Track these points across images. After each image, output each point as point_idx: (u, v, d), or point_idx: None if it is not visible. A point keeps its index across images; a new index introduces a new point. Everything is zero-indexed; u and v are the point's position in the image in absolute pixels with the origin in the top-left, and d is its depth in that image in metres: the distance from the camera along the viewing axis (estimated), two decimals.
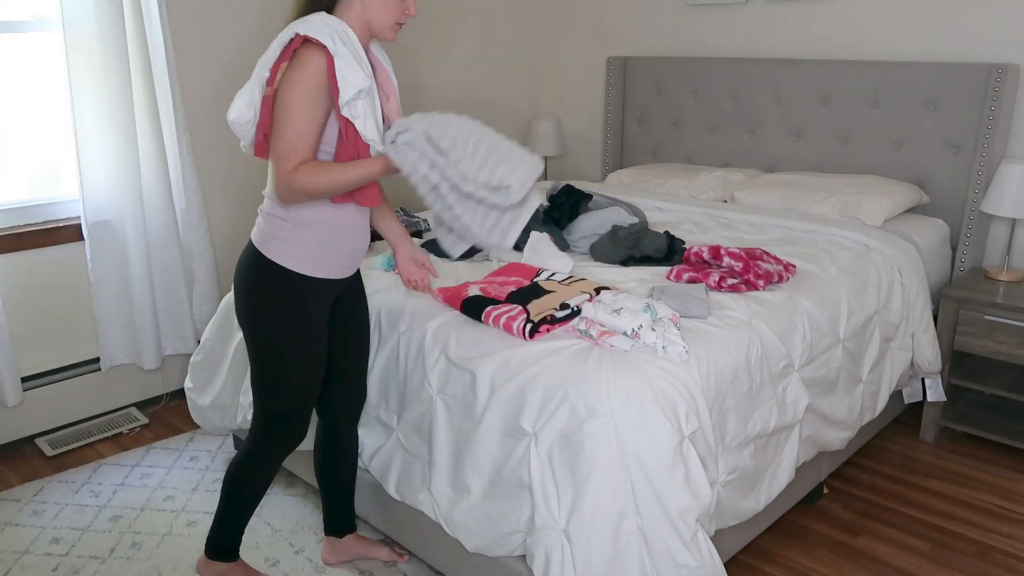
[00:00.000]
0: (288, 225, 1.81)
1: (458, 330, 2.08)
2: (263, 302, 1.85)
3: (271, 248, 1.82)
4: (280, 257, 1.81)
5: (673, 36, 3.97)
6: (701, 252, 2.40)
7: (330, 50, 1.67)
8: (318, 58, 1.67)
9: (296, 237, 1.81)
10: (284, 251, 1.81)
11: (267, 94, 1.73)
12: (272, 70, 1.72)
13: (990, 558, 2.35)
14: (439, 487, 2.04)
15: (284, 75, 1.69)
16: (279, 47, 1.72)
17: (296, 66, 1.67)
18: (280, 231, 1.81)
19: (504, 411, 1.90)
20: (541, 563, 1.79)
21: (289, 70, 1.68)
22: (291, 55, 1.69)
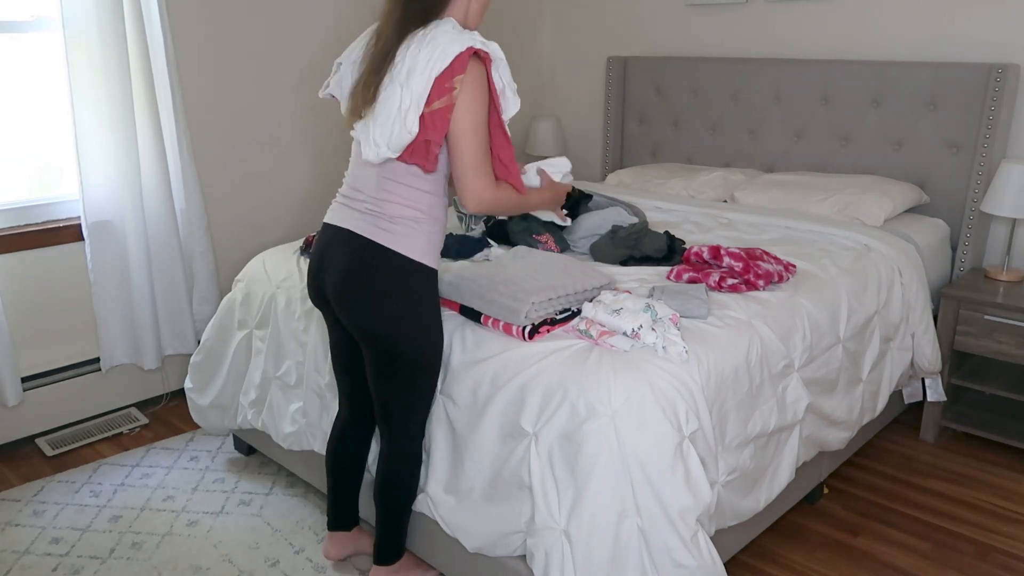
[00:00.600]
0: (424, 225, 1.86)
1: (457, 331, 2.08)
2: (409, 299, 1.87)
3: (408, 246, 1.84)
4: (418, 254, 1.85)
5: (673, 36, 3.97)
6: (701, 252, 2.40)
7: (495, 60, 1.77)
8: (483, 71, 1.75)
9: (429, 235, 1.87)
10: (421, 247, 1.86)
11: (440, 107, 1.72)
12: (439, 81, 1.71)
13: (990, 558, 2.35)
14: (438, 488, 2.04)
15: (462, 90, 1.72)
16: (450, 57, 1.70)
17: (472, 80, 1.73)
18: (417, 231, 1.85)
19: (504, 411, 1.90)
20: (541, 563, 1.79)
21: (466, 84, 1.72)
22: (463, 67, 1.71)
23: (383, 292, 1.86)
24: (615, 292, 2.10)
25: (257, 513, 2.57)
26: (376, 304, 1.86)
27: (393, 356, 1.91)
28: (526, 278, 2.08)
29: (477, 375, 1.96)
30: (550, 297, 2.02)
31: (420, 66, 1.72)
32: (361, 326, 1.91)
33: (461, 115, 1.73)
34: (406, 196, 1.84)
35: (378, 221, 1.85)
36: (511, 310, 1.98)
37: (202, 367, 2.77)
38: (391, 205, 1.84)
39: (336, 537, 2.31)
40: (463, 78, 1.71)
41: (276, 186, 3.52)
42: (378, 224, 1.85)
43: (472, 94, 1.73)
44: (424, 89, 1.72)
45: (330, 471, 2.24)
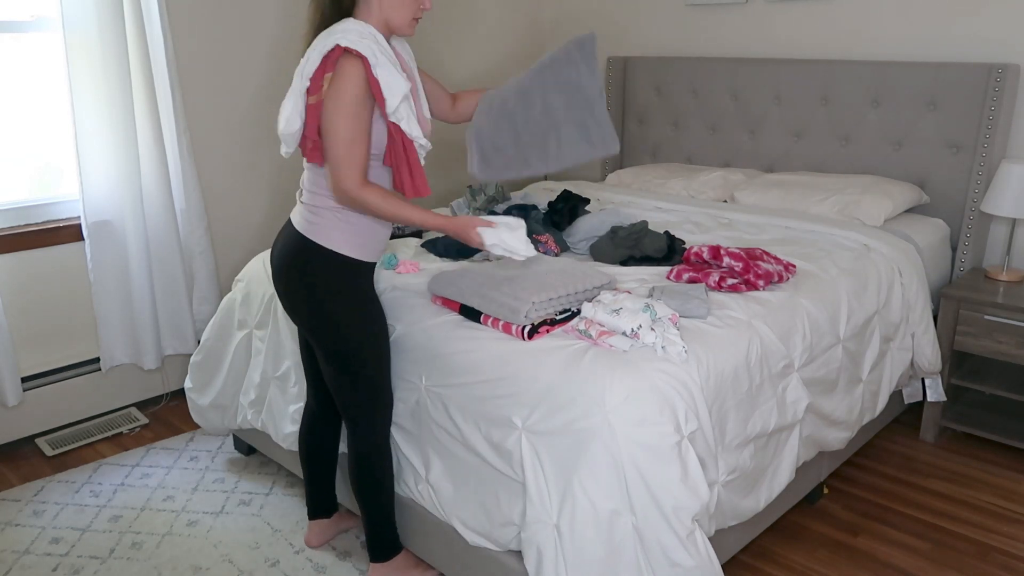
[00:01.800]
0: (342, 216, 1.90)
1: (456, 330, 2.08)
2: (324, 289, 1.92)
3: (327, 237, 1.89)
4: (337, 245, 1.89)
5: (673, 36, 3.97)
6: (701, 252, 2.40)
7: (370, 61, 1.77)
8: (358, 68, 1.76)
9: (350, 226, 1.90)
10: (339, 239, 1.90)
11: (312, 103, 1.80)
12: (313, 79, 1.79)
13: (990, 558, 2.35)
14: (437, 478, 2.05)
15: (329, 85, 1.77)
16: (319, 57, 1.78)
17: (339, 77, 1.76)
18: (331, 220, 1.90)
19: (499, 408, 1.90)
20: (534, 559, 1.79)
21: (334, 80, 1.77)
22: (333, 65, 1.77)
23: (304, 283, 1.93)
24: (615, 292, 2.10)
25: (257, 513, 2.57)
26: (300, 295, 1.94)
27: (330, 346, 1.97)
28: (527, 278, 2.09)
29: (475, 372, 1.97)
30: (550, 297, 2.02)
31: (300, 67, 1.83)
32: (292, 316, 2.00)
33: (327, 109, 1.78)
34: (325, 188, 1.90)
35: (306, 212, 1.94)
36: (512, 309, 1.98)
37: (202, 367, 2.77)
38: (316, 196, 1.92)
39: (316, 525, 2.37)
40: (330, 76, 1.77)
41: (276, 186, 3.52)
42: (305, 215, 1.93)
43: (339, 90, 1.76)
44: (302, 87, 1.81)
45: (303, 461, 2.30)
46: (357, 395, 2.02)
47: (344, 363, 1.98)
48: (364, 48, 1.77)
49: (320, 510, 2.37)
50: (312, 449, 2.28)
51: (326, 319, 1.94)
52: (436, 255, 2.64)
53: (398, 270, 2.47)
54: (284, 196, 3.55)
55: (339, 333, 1.95)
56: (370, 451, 2.07)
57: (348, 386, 2.01)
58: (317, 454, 2.28)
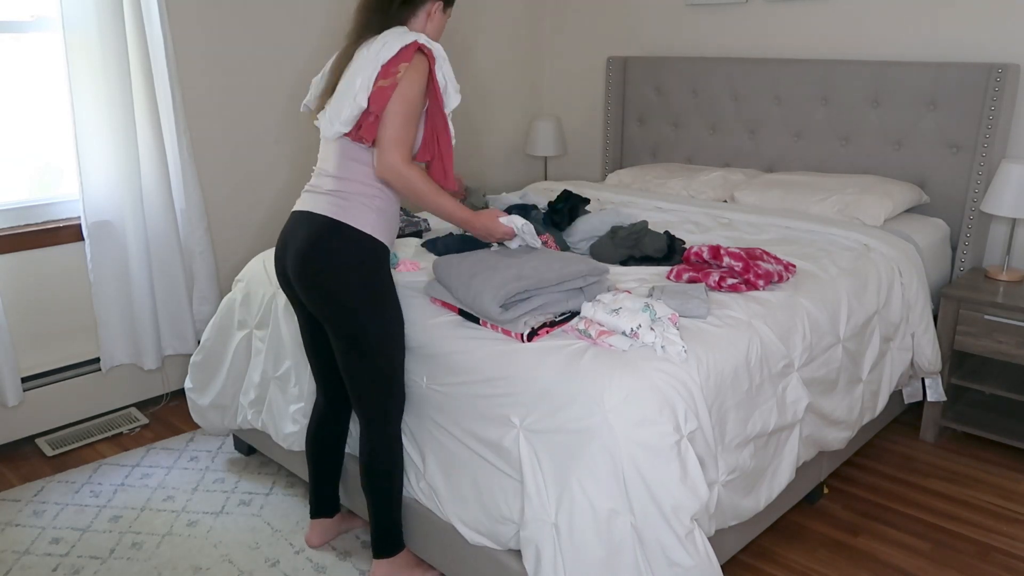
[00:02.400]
0: (375, 201, 1.98)
1: (456, 330, 2.08)
2: (356, 269, 1.96)
3: (360, 219, 1.96)
4: (367, 227, 1.96)
5: (673, 36, 3.97)
6: (701, 252, 2.40)
7: (436, 60, 1.96)
8: (426, 65, 1.94)
9: (379, 211, 1.99)
10: (370, 221, 1.97)
11: (384, 85, 1.90)
12: (388, 65, 1.91)
13: (990, 558, 2.35)
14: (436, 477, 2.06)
15: (405, 74, 1.90)
16: (397, 47, 1.91)
17: (413, 69, 1.92)
18: (361, 204, 1.97)
19: (498, 407, 1.90)
20: (532, 557, 1.79)
21: (410, 70, 1.91)
22: (410, 57, 1.91)
23: (336, 264, 1.95)
24: (614, 292, 2.10)
25: (257, 513, 2.57)
26: (331, 276, 1.96)
27: (352, 331, 1.98)
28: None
29: (475, 372, 1.97)
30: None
31: (371, 54, 1.93)
32: (318, 300, 2.00)
33: (397, 94, 1.90)
34: (361, 173, 1.98)
35: (335, 199, 1.98)
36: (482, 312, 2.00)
37: (202, 367, 2.77)
38: (349, 183, 1.98)
39: (318, 524, 2.37)
40: (407, 66, 1.91)
41: (276, 186, 3.52)
42: (334, 202, 1.98)
43: (411, 80, 1.91)
44: (373, 72, 1.91)
45: (310, 458, 2.30)
46: (373, 384, 2.03)
47: (362, 347, 1.99)
48: (436, 48, 1.96)
49: (323, 509, 2.37)
50: (320, 447, 2.28)
51: (350, 299, 1.96)
52: (436, 255, 2.64)
53: (398, 269, 2.47)
54: (284, 196, 3.55)
55: (360, 315, 1.97)
56: (382, 444, 2.07)
57: (364, 372, 2.02)
58: (324, 453, 2.28)
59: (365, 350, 1.99)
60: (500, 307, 1.96)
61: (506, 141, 4.47)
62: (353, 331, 1.98)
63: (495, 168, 4.45)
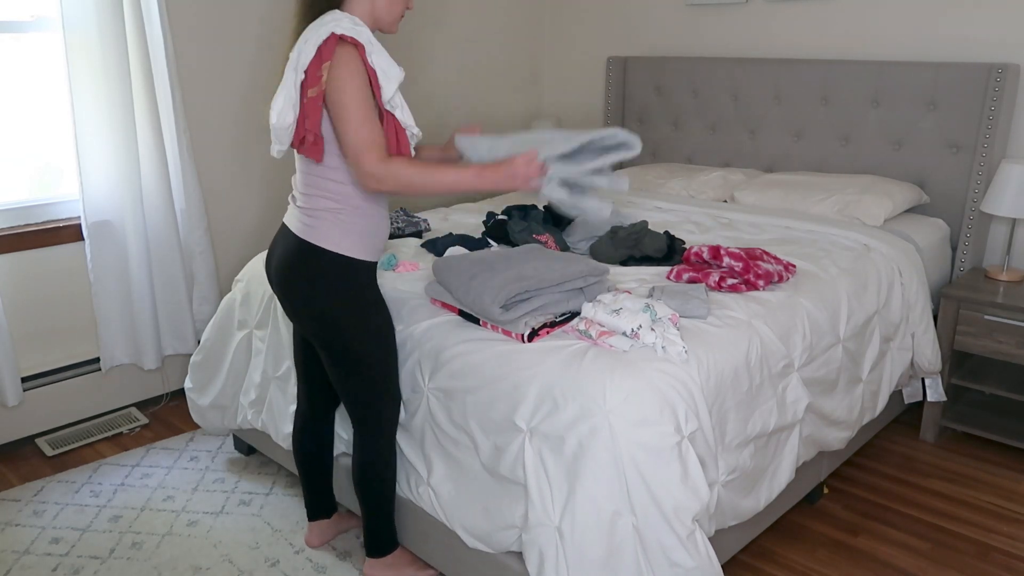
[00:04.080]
0: (342, 216, 1.87)
1: (456, 331, 2.08)
2: (332, 293, 1.90)
3: (326, 238, 1.87)
4: (338, 247, 1.87)
5: (673, 36, 3.97)
6: (701, 252, 2.40)
7: (366, 48, 1.75)
8: (355, 55, 1.74)
9: (350, 226, 1.88)
10: (340, 241, 1.87)
11: (313, 95, 1.75)
12: (309, 71, 1.74)
13: (990, 558, 2.35)
14: (438, 481, 2.05)
15: (331, 74, 1.72)
16: (314, 48, 1.73)
17: (339, 66, 1.72)
18: (329, 221, 1.87)
19: (500, 409, 1.90)
20: (535, 561, 1.79)
21: (336, 68, 1.72)
22: (331, 54, 1.72)
23: (308, 287, 1.91)
24: (615, 292, 2.10)
25: (257, 513, 2.57)
26: (302, 296, 1.93)
27: (331, 348, 1.97)
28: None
29: (475, 373, 1.96)
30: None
31: (293, 60, 1.77)
32: (296, 320, 1.99)
33: (334, 99, 1.74)
34: (322, 188, 1.87)
35: (303, 215, 1.91)
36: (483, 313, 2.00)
37: (202, 367, 2.77)
38: (311, 198, 1.89)
39: (316, 526, 2.38)
40: (329, 64, 1.72)
41: (276, 186, 3.52)
42: (302, 219, 1.91)
43: (342, 77, 1.72)
44: (296, 80, 1.76)
45: (298, 463, 2.30)
46: (364, 395, 2.02)
47: (351, 364, 1.97)
48: (360, 35, 1.75)
49: (319, 511, 2.37)
50: (306, 452, 2.27)
51: (330, 321, 1.93)
52: (436, 255, 2.64)
53: (397, 270, 2.47)
54: (284, 196, 3.55)
55: (344, 335, 1.94)
56: (376, 452, 2.07)
57: (355, 387, 2.01)
58: (311, 457, 2.28)
59: (352, 364, 1.97)
60: (501, 308, 1.96)
61: None
62: (338, 347, 1.96)
63: None
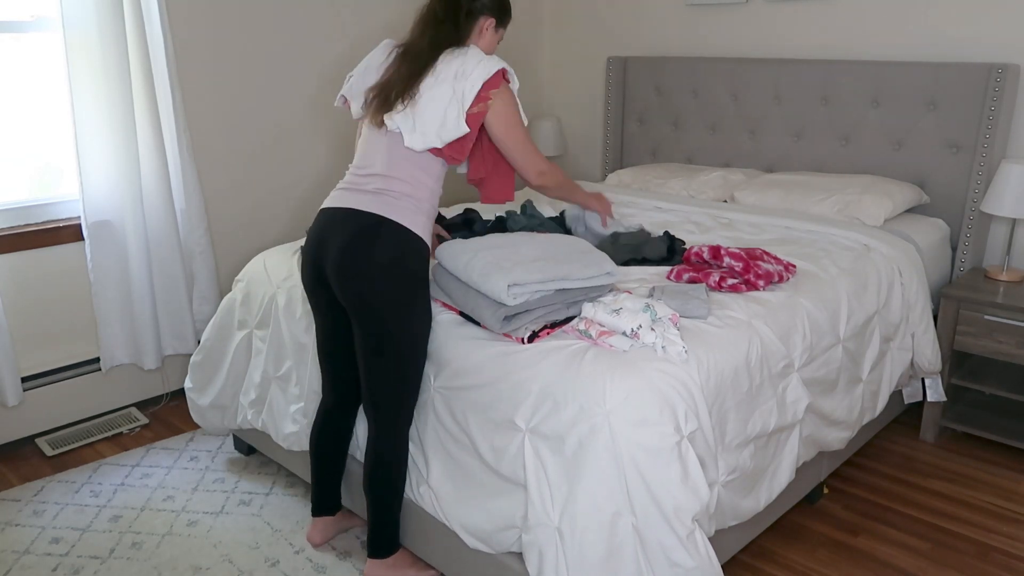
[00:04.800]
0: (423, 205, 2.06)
1: (456, 331, 2.08)
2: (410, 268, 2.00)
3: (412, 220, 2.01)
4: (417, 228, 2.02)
5: (673, 36, 3.97)
6: (701, 252, 2.40)
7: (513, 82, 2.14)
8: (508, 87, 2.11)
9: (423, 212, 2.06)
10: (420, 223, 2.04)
11: (476, 111, 2.04)
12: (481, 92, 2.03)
13: (990, 558, 2.35)
14: (438, 481, 2.05)
15: (498, 99, 2.06)
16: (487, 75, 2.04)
17: (507, 94, 2.10)
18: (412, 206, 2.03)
19: (500, 408, 1.90)
20: (535, 561, 1.79)
21: (503, 94, 2.07)
22: (499, 84, 2.06)
23: (383, 259, 1.97)
24: (615, 292, 2.10)
25: (257, 513, 2.57)
26: (377, 271, 1.96)
27: (383, 330, 1.98)
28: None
29: (475, 373, 1.97)
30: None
31: (468, 72, 2.04)
32: (357, 296, 1.99)
33: (502, 119, 2.08)
34: (414, 178, 2.05)
35: (385, 198, 2.02)
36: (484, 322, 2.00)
37: (202, 367, 2.77)
38: (400, 183, 2.04)
39: (320, 522, 2.37)
40: (498, 92, 2.06)
41: (276, 186, 3.52)
42: (384, 200, 2.02)
43: (507, 103, 2.09)
44: (470, 95, 2.02)
45: (314, 456, 2.30)
46: (394, 387, 2.03)
47: (394, 348, 1.99)
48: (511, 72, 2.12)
49: (324, 507, 2.36)
50: (324, 447, 2.27)
51: (397, 296, 1.97)
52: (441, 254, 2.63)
53: None
54: (284, 196, 3.55)
55: (404, 314, 1.98)
56: (391, 448, 2.07)
57: (388, 376, 2.02)
58: (328, 452, 2.28)
59: (393, 351, 2.00)
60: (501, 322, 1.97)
61: None
62: (387, 329, 1.98)
63: None
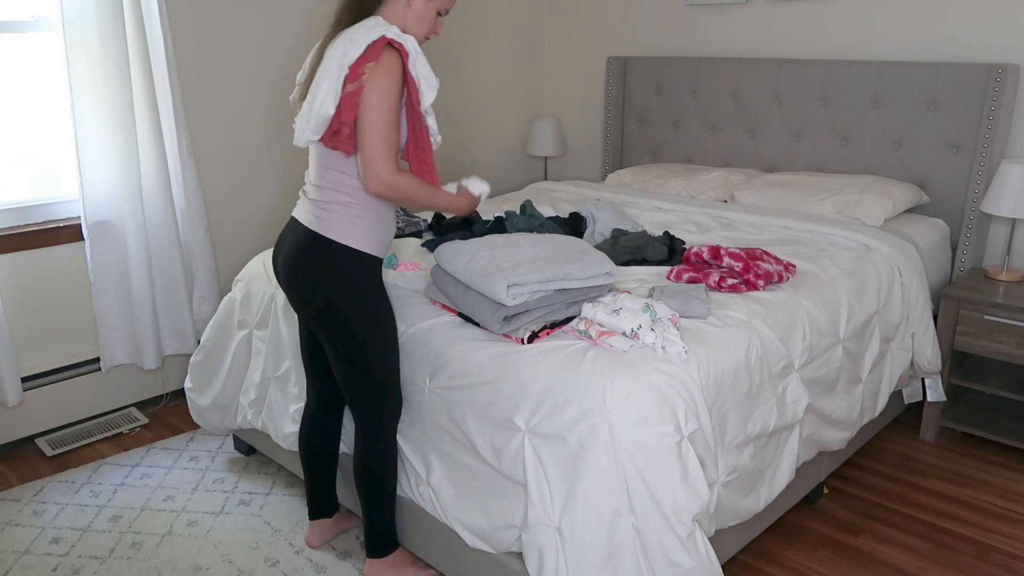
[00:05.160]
0: (353, 210, 1.91)
1: (456, 331, 2.08)
2: (339, 286, 1.93)
3: (339, 232, 1.90)
4: (349, 240, 1.91)
5: (673, 36, 3.97)
6: (701, 252, 2.40)
7: (410, 55, 1.83)
8: (398, 61, 1.81)
9: (361, 220, 1.92)
10: (352, 234, 1.91)
11: (351, 91, 1.79)
12: (353, 67, 1.79)
13: (990, 558, 2.35)
14: (438, 481, 2.05)
15: (372, 75, 1.77)
16: (363, 46, 1.78)
17: (382, 67, 1.78)
18: (343, 215, 1.91)
19: (500, 409, 1.90)
20: (535, 560, 1.79)
21: (376, 70, 1.78)
22: (377, 55, 1.78)
23: (316, 278, 1.93)
24: (615, 292, 2.10)
25: (257, 513, 2.57)
26: (311, 289, 1.94)
27: (343, 343, 1.97)
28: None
29: (475, 374, 1.97)
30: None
31: (338, 55, 1.80)
32: (302, 312, 2.00)
33: (368, 97, 1.78)
34: (338, 182, 1.90)
35: (315, 208, 1.94)
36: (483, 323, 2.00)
37: (202, 367, 2.77)
38: (325, 191, 1.92)
39: (318, 525, 2.37)
40: (374, 65, 1.78)
41: (276, 186, 3.52)
42: (314, 212, 1.94)
43: (380, 80, 1.78)
44: (339, 74, 1.79)
45: (304, 461, 2.30)
46: (367, 391, 2.03)
47: (355, 359, 1.99)
48: (406, 43, 1.82)
49: (321, 510, 2.37)
50: (312, 449, 2.28)
51: (338, 314, 1.94)
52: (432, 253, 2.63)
53: (398, 269, 2.47)
54: (284, 196, 3.55)
55: (351, 328, 1.95)
56: (376, 449, 2.07)
57: (359, 382, 2.02)
58: (317, 454, 2.28)
59: (358, 361, 1.99)
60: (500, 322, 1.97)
61: (506, 141, 4.47)
62: (344, 342, 1.97)
63: (495, 168, 4.44)
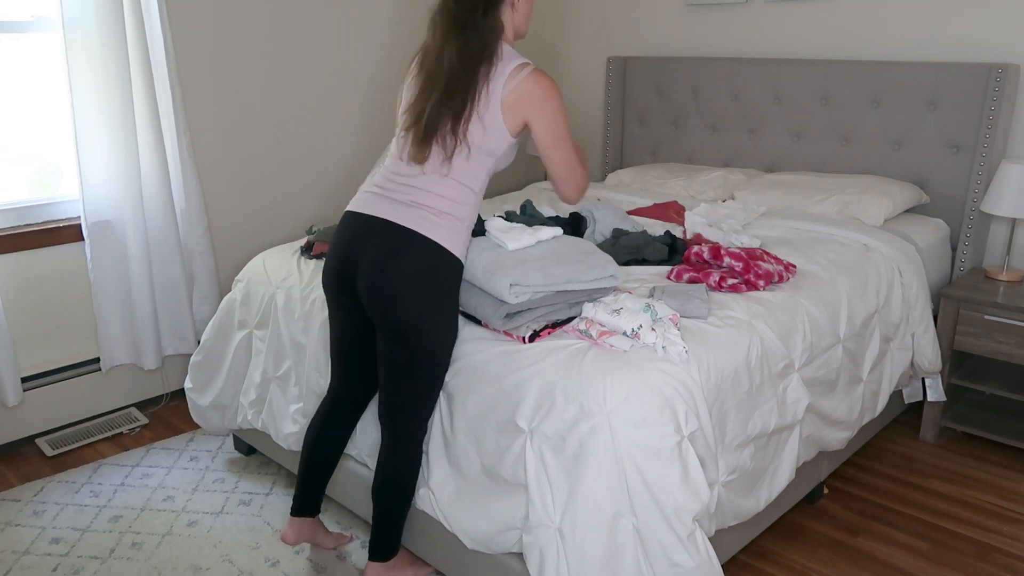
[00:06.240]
0: (460, 223, 1.98)
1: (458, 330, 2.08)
2: (445, 290, 1.96)
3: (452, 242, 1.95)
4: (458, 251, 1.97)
5: (673, 36, 3.97)
6: (701, 252, 2.40)
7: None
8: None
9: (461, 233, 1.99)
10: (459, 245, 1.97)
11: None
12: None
13: (990, 558, 2.35)
14: (438, 483, 2.04)
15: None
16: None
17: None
18: (455, 227, 1.96)
19: (500, 409, 1.90)
20: (536, 561, 1.79)
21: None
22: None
23: (415, 280, 1.92)
24: (615, 292, 2.10)
25: (257, 513, 2.57)
26: (406, 291, 1.92)
27: (410, 344, 1.95)
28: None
29: (474, 373, 1.97)
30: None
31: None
32: (387, 312, 1.95)
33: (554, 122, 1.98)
34: (461, 196, 1.97)
35: (423, 213, 1.94)
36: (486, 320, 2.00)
37: (202, 367, 2.77)
38: (441, 200, 1.95)
39: (297, 523, 2.31)
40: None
41: (276, 186, 3.52)
42: (422, 215, 1.94)
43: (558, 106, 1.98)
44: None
45: (309, 456, 2.25)
46: (414, 402, 2.01)
47: (421, 366, 1.97)
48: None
49: (305, 508, 2.31)
50: (319, 447, 2.24)
51: (433, 320, 1.95)
52: None
53: None
54: (284, 196, 3.55)
55: (437, 336, 1.96)
56: (406, 460, 2.05)
57: (411, 391, 2.00)
58: (323, 453, 2.24)
59: (419, 368, 1.97)
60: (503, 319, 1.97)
61: None
62: (418, 347, 1.95)
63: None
